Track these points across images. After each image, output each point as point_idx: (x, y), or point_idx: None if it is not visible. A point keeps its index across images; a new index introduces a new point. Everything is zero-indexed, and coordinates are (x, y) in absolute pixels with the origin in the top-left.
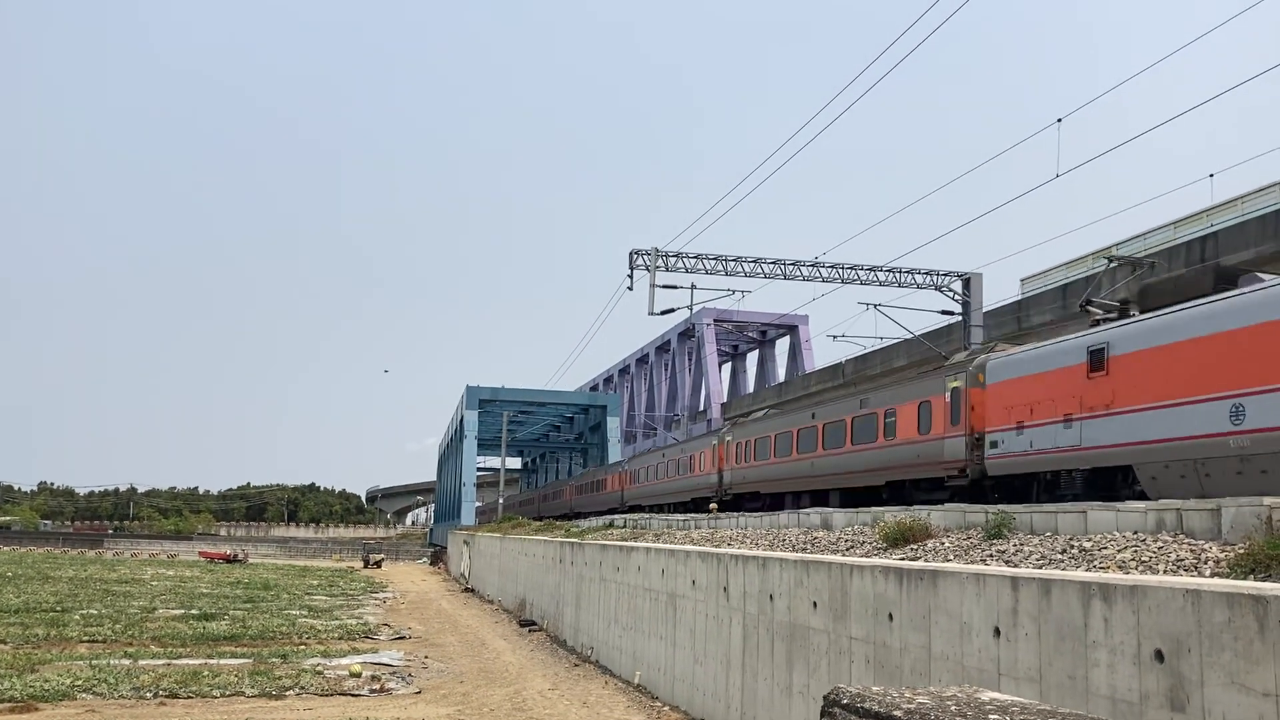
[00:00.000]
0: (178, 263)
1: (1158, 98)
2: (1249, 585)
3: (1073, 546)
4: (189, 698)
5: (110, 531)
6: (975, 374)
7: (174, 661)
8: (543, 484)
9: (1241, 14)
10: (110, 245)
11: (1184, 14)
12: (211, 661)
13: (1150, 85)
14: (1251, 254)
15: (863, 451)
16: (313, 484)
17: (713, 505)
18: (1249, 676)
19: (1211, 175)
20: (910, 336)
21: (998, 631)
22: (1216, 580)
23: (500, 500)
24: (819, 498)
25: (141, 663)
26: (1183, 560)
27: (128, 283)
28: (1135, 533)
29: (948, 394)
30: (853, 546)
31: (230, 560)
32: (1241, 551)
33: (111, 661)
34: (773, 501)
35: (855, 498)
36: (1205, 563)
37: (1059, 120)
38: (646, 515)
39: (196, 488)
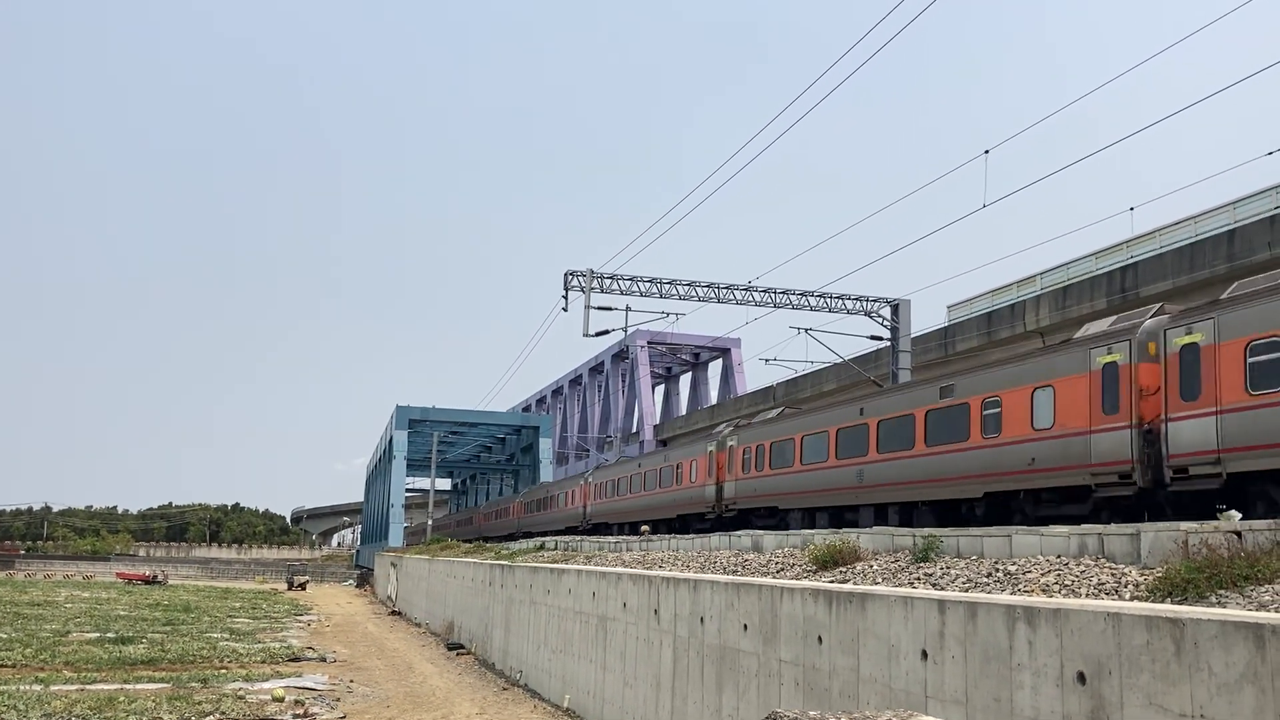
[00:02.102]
0: (96, 275)
1: (1082, 131)
2: (1167, 608)
3: (998, 570)
4: None
5: (22, 552)
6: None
7: (88, 687)
8: (474, 504)
9: (1163, 52)
10: (25, 258)
11: (1109, 52)
12: (128, 686)
13: (1075, 119)
14: (1169, 284)
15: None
16: (236, 504)
17: (644, 528)
18: (1166, 697)
19: (1132, 208)
20: (840, 360)
21: (925, 654)
22: (1136, 604)
23: (429, 521)
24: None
25: (53, 688)
26: (1104, 584)
27: (41, 294)
28: (1059, 556)
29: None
30: (783, 569)
31: (149, 581)
32: (1159, 575)
33: (21, 687)
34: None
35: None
36: (1125, 586)
37: (986, 152)
38: (579, 538)
39: (115, 507)
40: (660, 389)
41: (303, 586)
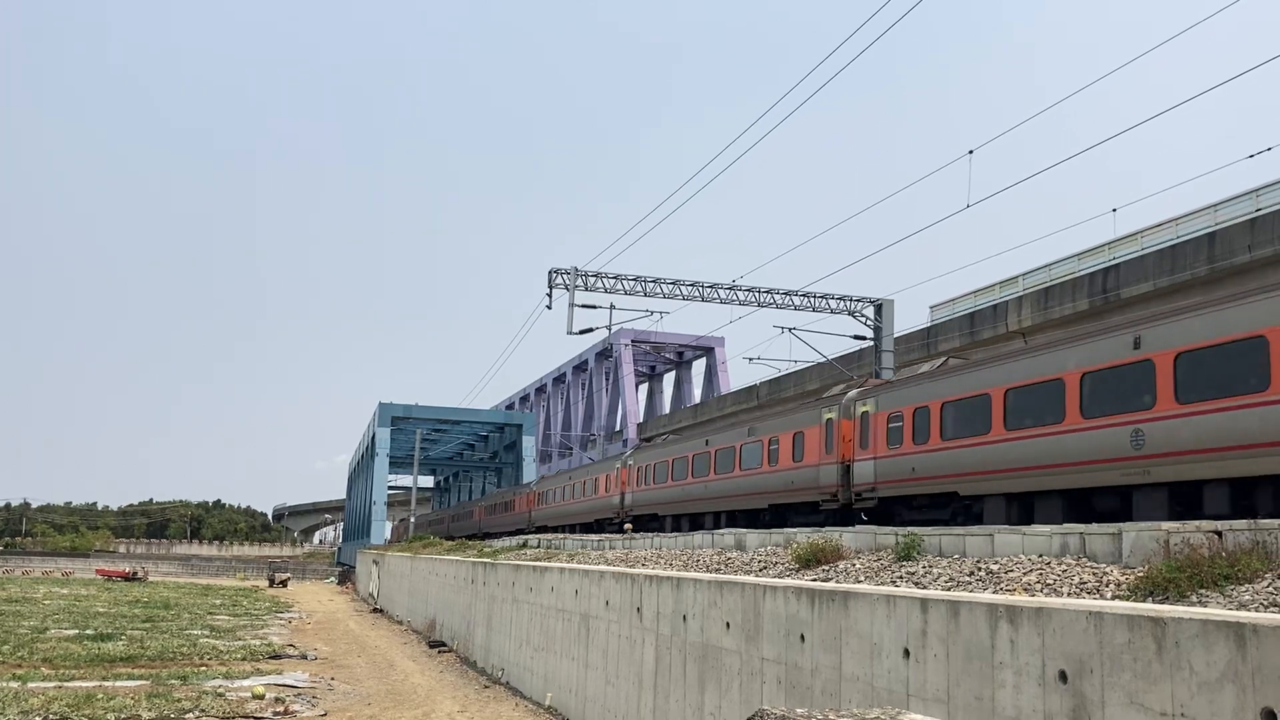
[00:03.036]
0: (77, 270)
1: (1065, 133)
2: (1148, 607)
3: (980, 569)
4: None
5: (0, 548)
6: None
7: (66, 684)
8: (455, 503)
9: (1147, 54)
10: (2, 254)
11: (1093, 53)
12: (106, 684)
13: (1059, 120)
14: (1149, 286)
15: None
16: (218, 500)
17: (627, 525)
18: (1147, 696)
19: (1114, 210)
20: (823, 360)
21: (907, 653)
22: (1117, 603)
23: (412, 519)
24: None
25: (31, 685)
26: (1085, 583)
27: (20, 289)
28: (1040, 555)
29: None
30: (766, 567)
31: (129, 578)
32: (1141, 574)
33: None
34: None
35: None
36: (1107, 585)
37: (970, 152)
38: (561, 535)
39: (95, 503)
40: (644, 388)
41: (284, 584)
